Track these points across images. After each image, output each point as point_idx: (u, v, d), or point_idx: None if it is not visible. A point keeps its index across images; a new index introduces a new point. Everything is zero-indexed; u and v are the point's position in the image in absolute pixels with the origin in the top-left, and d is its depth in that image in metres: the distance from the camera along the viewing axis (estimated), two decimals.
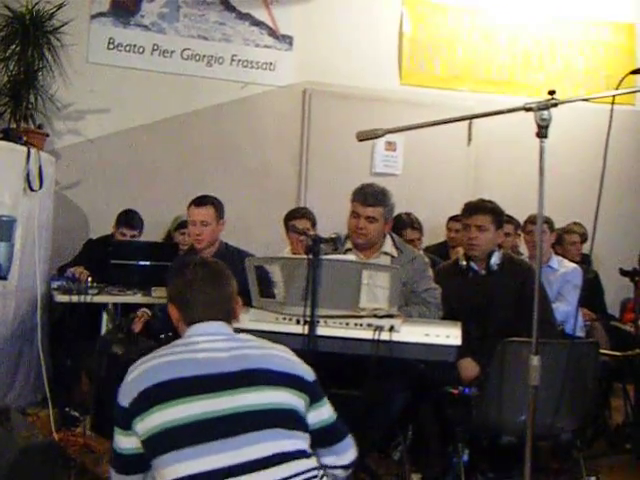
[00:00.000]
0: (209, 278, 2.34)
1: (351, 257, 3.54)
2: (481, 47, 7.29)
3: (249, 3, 6.72)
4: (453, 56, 7.23)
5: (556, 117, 2.80)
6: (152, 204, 6.15)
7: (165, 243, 5.78)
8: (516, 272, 4.17)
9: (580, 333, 5.12)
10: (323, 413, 2.33)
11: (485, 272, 4.19)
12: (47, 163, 5.04)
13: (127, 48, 6.41)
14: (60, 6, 5.77)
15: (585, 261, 5.86)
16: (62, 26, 5.82)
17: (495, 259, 4.17)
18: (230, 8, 6.65)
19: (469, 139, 7.15)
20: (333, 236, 3.41)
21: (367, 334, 3.24)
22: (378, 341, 3.21)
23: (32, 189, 4.73)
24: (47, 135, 5.74)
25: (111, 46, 6.37)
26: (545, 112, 2.52)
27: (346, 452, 2.44)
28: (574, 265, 5.29)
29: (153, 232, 5.93)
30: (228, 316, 2.37)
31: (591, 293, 5.60)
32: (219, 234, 4.62)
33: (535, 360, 2.55)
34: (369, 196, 4.01)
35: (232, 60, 6.66)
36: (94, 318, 4.76)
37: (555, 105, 2.55)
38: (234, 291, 2.41)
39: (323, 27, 6.94)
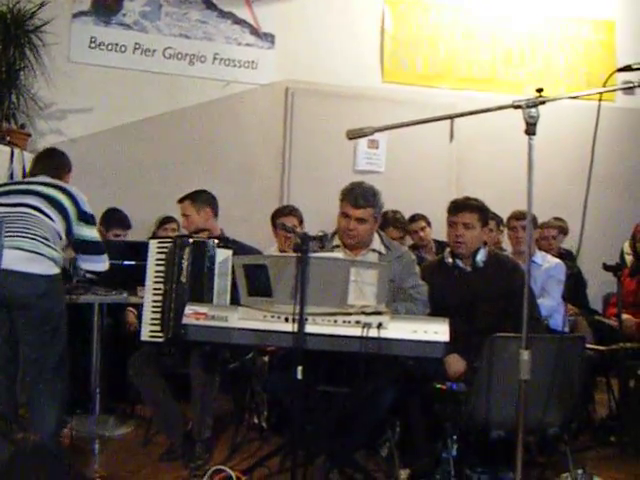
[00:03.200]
0: None
1: (339, 254, 3.53)
2: (463, 45, 7.33)
3: (230, 2, 6.73)
4: (435, 53, 7.26)
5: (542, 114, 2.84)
6: (136, 204, 6.12)
7: (147, 242, 5.72)
8: (501, 269, 4.18)
9: (564, 328, 5.13)
10: None
11: (470, 269, 4.20)
12: (30, 162, 5.00)
13: (109, 47, 6.41)
14: (41, 5, 5.79)
15: (566, 256, 5.89)
16: (43, 25, 5.83)
17: (481, 256, 4.17)
18: (212, 7, 6.66)
19: (451, 136, 7.16)
20: (320, 234, 3.42)
21: (355, 331, 3.24)
22: (366, 338, 3.21)
23: None
24: (29, 135, 5.71)
25: (93, 45, 6.37)
26: (533, 110, 2.54)
27: None
28: (557, 260, 5.32)
29: (138, 232, 5.89)
30: None
31: (574, 287, 5.63)
32: (206, 221, 4.60)
33: (525, 354, 2.57)
34: (359, 198, 4.00)
35: (214, 59, 6.67)
36: (74, 318, 4.71)
37: (543, 102, 2.58)
38: None
39: (305, 25, 6.97)
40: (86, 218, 3.90)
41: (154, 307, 4.19)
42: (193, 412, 4.20)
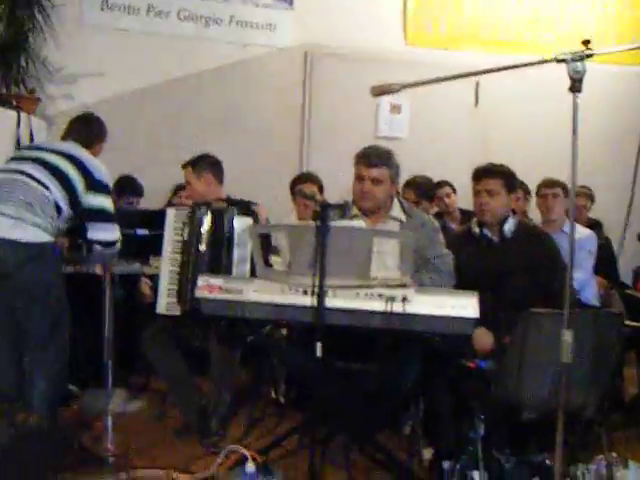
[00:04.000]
0: None
1: (360, 223, 3.34)
2: (488, 5, 7.04)
3: None
4: (460, 15, 6.99)
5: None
6: (150, 171, 5.96)
7: (162, 210, 5.56)
8: (531, 239, 4.00)
9: (595, 302, 4.94)
10: None
11: (498, 239, 4.00)
12: (39, 128, 4.86)
13: (121, 9, 6.22)
14: None
15: (595, 226, 5.66)
16: None
17: (509, 226, 3.98)
18: None
19: (476, 100, 6.92)
20: (341, 202, 3.22)
21: (378, 305, 3.05)
22: (390, 313, 3.01)
23: None
24: (39, 100, 5.54)
25: (105, 7, 6.18)
26: (579, 64, 2.30)
27: None
28: (588, 231, 5.09)
29: (153, 199, 5.73)
30: None
31: (604, 260, 5.39)
32: (207, 188, 4.39)
33: (568, 335, 2.35)
34: (373, 157, 3.82)
35: (230, 21, 6.47)
36: (86, 290, 4.57)
37: (590, 56, 2.34)
38: None
39: None
40: (96, 187, 3.73)
41: (171, 278, 4.03)
42: (210, 387, 4.05)
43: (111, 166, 5.67)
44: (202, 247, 3.95)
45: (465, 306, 3.05)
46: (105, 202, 3.78)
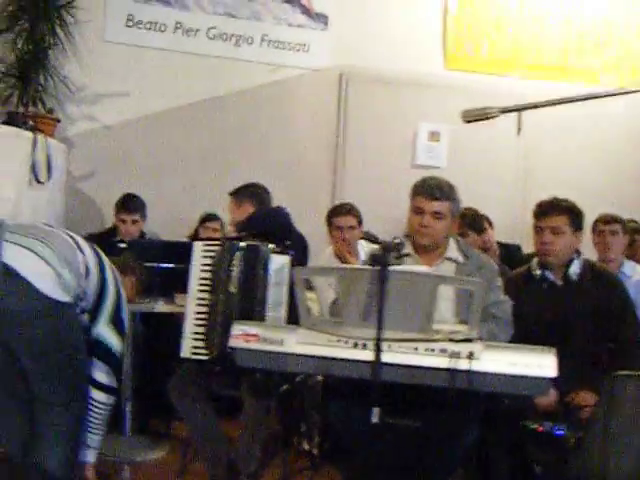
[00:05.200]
0: None
1: (423, 267, 2.97)
2: (531, 28, 6.69)
3: None
4: (502, 38, 6.64)
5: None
6: (174, 198, 5.72)
7: (188, 242, 5.22)
8: (599, 283, 3.63)
9: None
10: None
11: (562, 282, 3.63)
12: (57, 151, 4.53)
13: (147, 26, 5.94)
14: None
15: None
16: (76, 0, 5.37)
17: (575, 267, 3.62)
18: None
19: (518, 129, 6.52)
20: (397, 241, 2.83)
21: (440, 362, 2.65)
22: (455, 371, 2.62)
23: (39, 181, 4.17)
24: (58, 120, 5.27)
25: (130, 23, 5.90)
26: None
27: None
28: None
29: (177, 229, 5.42)
30: None
31: None
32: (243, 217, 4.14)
33: None
34: (435, 189, 3.45)
35: (262, 40, 6.17)
36: None
37: None
38: None
39: (361, 5, 6.42)
40: (119, 322, 3.21)
41: (198, 320, 3.64)
42: (241, 441, 3.68)
43: (134, 191, 5.44)
44: (232, 288, 3.57)
45: (542, 365, 2.65)
46: (119, 346, 3.21)
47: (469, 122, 2.43)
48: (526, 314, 3.51)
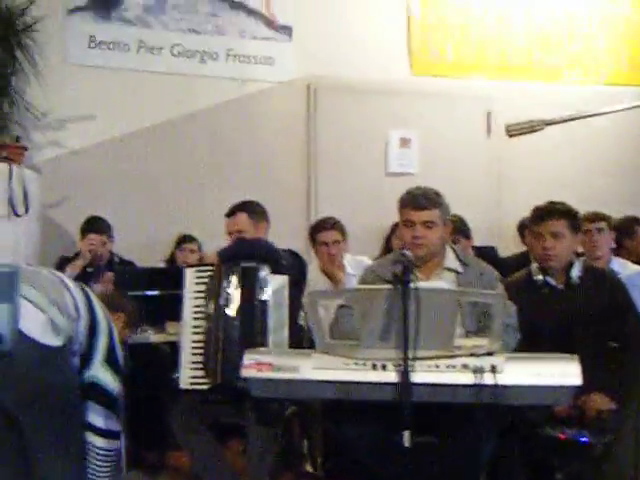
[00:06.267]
0: None
1: (441, 283, 2.89)
2: (495, 29, 6.69)
3: None
4: (466, 40, 6.62)
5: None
6: (148, 222, 5.59)
7: (173, 267, 5.09)
8: (600, 285, 3.62)
9: None
10: None
11: (564, 286, 3.60)
12: (29, 180, 4.33)
13: (110, 46, 5.79)
14: (33, 0, 5.12)
15: None
16: (35, 23, 5.21)
17: (576, 271, 3.61)
18: None
19: (488, 131, 6.53)
20: (410, 257, 2.75)
21: (466, 378, 2.57)
22: (480, 386, 2.54)
23: (16, 214, 4.00)
24: (25, 148, 5.04)
25: (92, 44, 5.74)
26: None
27: None
28: (638, 267, 4.70)
29: (153, 254, 5.29)
30: None
31: None
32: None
33: None
34: (421, 198, 3.41)
35: (227, 55, 6.06)
36: None
37: None
38: None
39: (324, 14, 6.32)
40: (114, 361, 3.04)
41: (195, 348, 3.54)
42: (248, 471, 3.57)
43: (105, 215, 5.27)
44: (231, 312, 3.46)
45: (566, 374, 2.59)
46: (116, 386, 3.03)
47: (512, 136, 2.31)
48: (529, 320, 3.46)
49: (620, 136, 6.76)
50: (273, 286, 3.47)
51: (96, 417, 2.94)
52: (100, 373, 2.95)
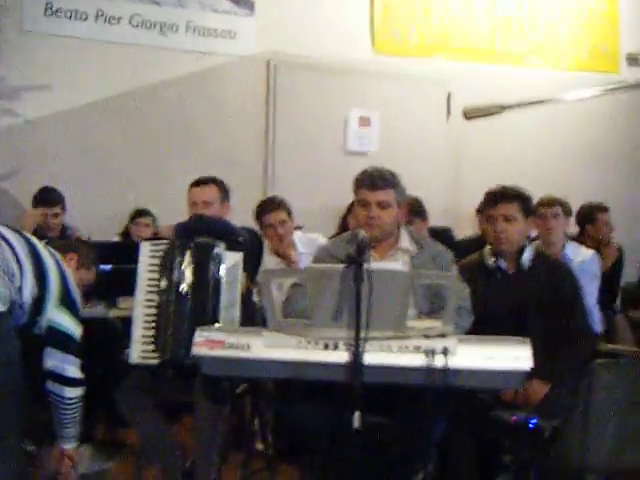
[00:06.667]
0: None
1: (396, 264, 2.88)
2: (459, 12, 6.71)
3: None
4: (429, 23, 6.65)
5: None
6: (103, 195, 5.54)
7: (127, 242, 5.03)
8: (550, 271, 3.65)
9: (599, 329, 4.60)
10: None
11: (515, 271, 3.62)
12: None
13: (67, 14, 5.67)
14: None
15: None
16: None
17: (527, 255, 3.63)
18: None
19: (448, 112, 6.54)
20: (364, 237, 2.73)
21: (417, 360, 2.58)
22: (432, 369, 2.55)
23: None
24: None
25: (49, 12, 5.62)
26: None
27: None
28: (591, 252, 4.78)
29: (107, 228, 5.23)
30: None
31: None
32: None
33: None
34: (376, 178, 3.41)
35: (187, 27, 5.99)
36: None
37: None
38: None
39: None
40: (69, 302, 3.07)
41: (146, 322, 3.48)
42: (197, 449, 3.52)
43: (58, 187, 5.19)
44: (184, 288, 3.42)
45: (518, 357, 2.61)
46: (74, 327, 3.08)
47: (470, 119, 2.30)
48: (481, 303, 3.48)
49: (581, 121, 6.83)
50: (227, 263, 3.44)
51: (57, 364, 2.99)
52: (56, 315, 2.99)
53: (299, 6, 6.27)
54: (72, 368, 3.05)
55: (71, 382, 3.05)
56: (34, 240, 3.02)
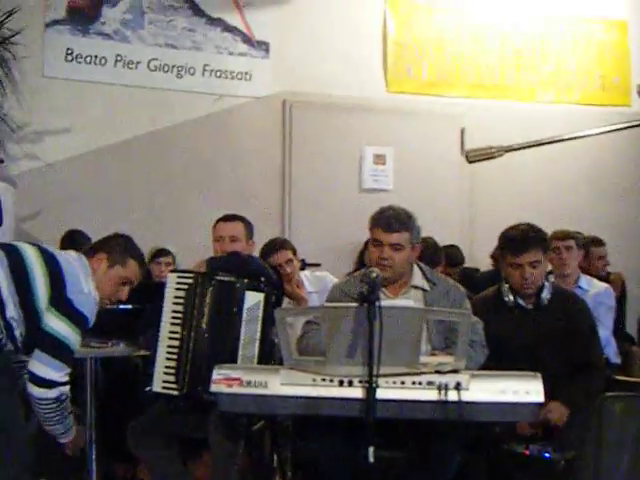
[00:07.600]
0: None
1: (409, 302, 2.94)
2: (470, 48, 6.80)
3: (220, 7, 6.16)
4: (441, 59, 6.74)
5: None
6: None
7: (147, 282, 5.09)
8: (567, 307, 3.67)
9: (616, 360, 4.61)
10: None
11: (532, 307, 3.65)
12: (4, 192, 4.34)
13: (87, 59, 5.80)
14: (10, 13, 5.17)
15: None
16: (13, 36, 5.22)
17: (546, 293, 3.64)
18: (199, 13, 6.07)
19: (462, 147, 6.60)
20: (376, 275, 2.79)
21: (429, 394, 2.62)
22: (445, 402, 2.60)
23: None
24: (1, 161, 5.04)
25: (69, 57, 5.75)
26: None
27: None
28: (605, 285, 4.80)
29: None
30: None
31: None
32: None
33: None
34: (392, 220, 3.42)
35: (204, 70, 6.10)
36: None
37: None
38: None
39: (301, 31, 6.41)
40: (64, 303, 2.97)
41: (169, 354, 3.52)
42: None
43: (78, 228, 5.27)
44: (203, 323, 3.48)
45: (530, 391, 2.65)
46: (66, 331, 2.94)
47: (472, 162, 2.36)
48: (497, 338, 3.50)
49: (593, 154, 6.87)
50: (248, 303, 3.46)
51: (36, 364, 2.88)
52: (48, 319, 2.91)
53: (313, 47, 6.37)
54: (51, 371, 2.89)
55: (39, 382, 2.90)
56: (21, 246, 3.02)
